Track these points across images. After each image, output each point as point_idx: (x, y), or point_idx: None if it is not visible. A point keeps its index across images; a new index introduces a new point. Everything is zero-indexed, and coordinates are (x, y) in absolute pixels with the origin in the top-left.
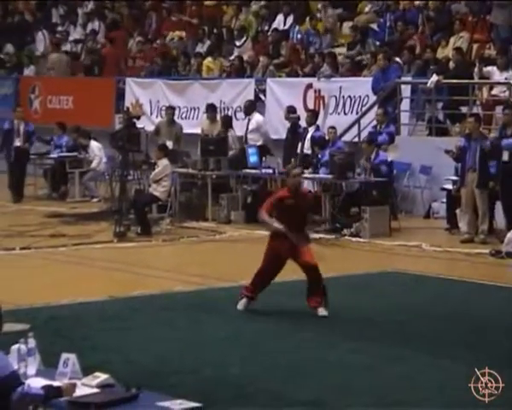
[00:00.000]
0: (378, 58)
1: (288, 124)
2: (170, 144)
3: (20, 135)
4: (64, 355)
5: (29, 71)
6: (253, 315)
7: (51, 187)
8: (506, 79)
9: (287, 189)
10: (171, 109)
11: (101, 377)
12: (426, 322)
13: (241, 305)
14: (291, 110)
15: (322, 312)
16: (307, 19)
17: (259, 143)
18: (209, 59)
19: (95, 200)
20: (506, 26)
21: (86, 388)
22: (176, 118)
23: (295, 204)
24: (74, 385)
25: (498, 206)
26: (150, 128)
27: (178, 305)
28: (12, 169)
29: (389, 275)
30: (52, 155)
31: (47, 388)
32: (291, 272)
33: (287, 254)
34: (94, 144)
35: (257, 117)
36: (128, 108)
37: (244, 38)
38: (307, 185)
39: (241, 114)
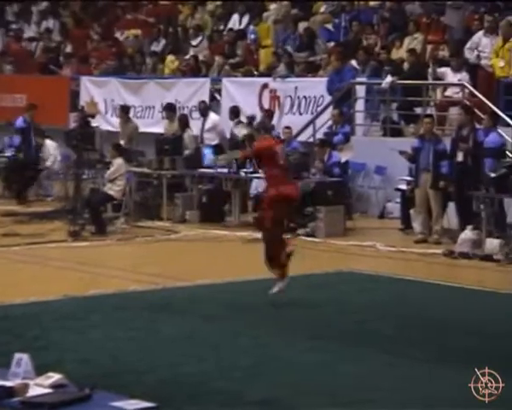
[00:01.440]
0: (331, 59)
1: (231, 124)
2: (123, 143)
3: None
4: (17, 355)
5: None
6: (209, 314)
7: (5, 186)
8: (459, 80)
9: None
10: (124, 108)
11: (55, 377)
12: (382, 322)
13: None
14: (234, 110)
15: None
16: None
17: (215, 142)
18: (171, 57)
19: (49, 199)
20: (460, 28)
21: (39, 388)
22: (131, 117)
23: None
24: (27, 385)
25: (451, 206)
26: (105, 127)
27: (134, 304)
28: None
29: (345, 275)
30: (6, 154)
31: None
32: (248, 272)
33: None
34: (49, 143)
35: (213, 116)
36: (83, 107)
37: (200, 38)
38: (261, 186)
39: (196, 114)
